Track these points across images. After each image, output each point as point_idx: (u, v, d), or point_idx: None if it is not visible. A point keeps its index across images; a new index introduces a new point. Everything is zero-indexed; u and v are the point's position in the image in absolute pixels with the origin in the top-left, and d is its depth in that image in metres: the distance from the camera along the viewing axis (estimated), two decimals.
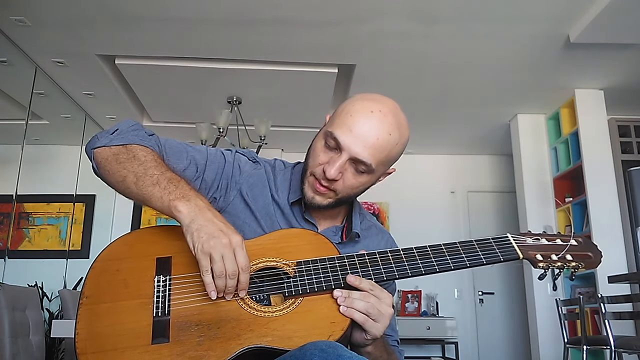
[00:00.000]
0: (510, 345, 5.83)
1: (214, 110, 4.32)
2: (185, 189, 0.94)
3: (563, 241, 1.06)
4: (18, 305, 2.76)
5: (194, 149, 1.11)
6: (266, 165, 1.17)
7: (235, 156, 1.14)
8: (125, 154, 0.99)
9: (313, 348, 0.81)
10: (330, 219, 1.17)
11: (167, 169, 0.98)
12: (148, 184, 0.95)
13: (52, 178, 5.44)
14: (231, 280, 0.89)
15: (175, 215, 0.92)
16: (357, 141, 1.01)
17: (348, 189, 1.06)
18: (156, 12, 3.43)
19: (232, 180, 1.11)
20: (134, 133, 1.03)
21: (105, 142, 1.01)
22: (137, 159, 0.98)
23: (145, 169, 0.96)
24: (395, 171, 1.15)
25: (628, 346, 3.01)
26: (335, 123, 1.04)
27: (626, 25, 3.45)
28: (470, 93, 4.66)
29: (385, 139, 1.02)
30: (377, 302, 0.95)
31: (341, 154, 1.02)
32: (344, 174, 1.04)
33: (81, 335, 0.89)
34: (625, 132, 4.69)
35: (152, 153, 1.01)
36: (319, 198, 1.07)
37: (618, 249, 4.22)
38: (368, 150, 1.01)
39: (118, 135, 1.02)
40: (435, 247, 1.02)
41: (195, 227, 0.89)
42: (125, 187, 0.98)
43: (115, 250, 1.00)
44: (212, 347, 0.87)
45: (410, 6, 3.35)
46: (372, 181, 1.10)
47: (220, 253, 0.87)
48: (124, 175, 0.97)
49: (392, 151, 1.06)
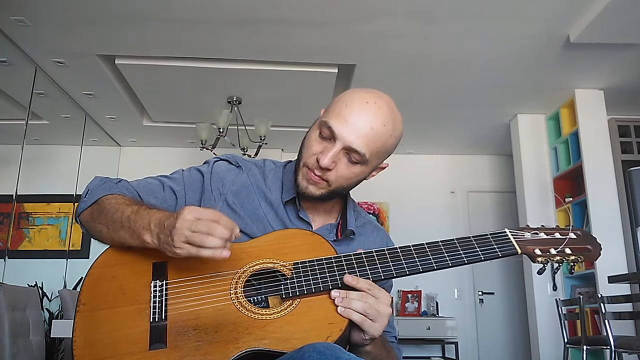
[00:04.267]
0: (510, 345, 5.83)
1: (214, 110, 4.32)
2: (143, 218, 0.95)
3: (562, 234, 1.04)
4: (18, 305, 2.76)
5: (170, 179, 1.13)
6: (251, 168, 1.16)
7: (213, 167, 1.14)
8: (97, 210, 1.04)
9: (311, 350, 0.81)
10: (325, 217, 1.17)
11: (127, 206, 1.00)
12: (117, 230, 0.98)
13: (52, 178, 5.44)
14: (216, 231, 0.87)
15: (148, 246, 0.94)
16: (351, 130, 1.02)
17: (341, 179, 1.06)
18: (156, 12, 3.43)
19: (215, 192, 1.11)
20: (102, 187, 1.07)
21: (82, 207, 1.06)
22: (104, 211, 1.02)
23: (110, 216, 1.00)
24: (388, 167, 1.15)
25: (628, 346, 3.00)
26: (330, 113, 1.05)
27: (626, 25, 3.44)
28: (470, 93, 4.65)
29: (379, 130, 1.03)
30: (375, 302, 0.94)
31: (335, 144, 1.03)
32: (338, 164, 1.04)
33: (78, 343, 0.89)
34: (625, 132, 4.68)
35: (116, 197, 1.04)
36: (313, 188, 1.07)
37: (618, 249, 4.22)
38: (362, 140, 1.02)
39: (89, 195, 1.06)
40: (432, 244, 1.01)
41: (160, 242, 0.91)
42: (105, 240, 1.03)
43: (111, 256, 1.00)
44: (210, 352, 0.87)
45: (410, 6, 3.35)
46: (366, 173, 1.09)
47: (186, 230, 0.87)
48: (100, 230, 1.02)
49: (386, 143, 1.06)
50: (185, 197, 1.10)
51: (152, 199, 1.08)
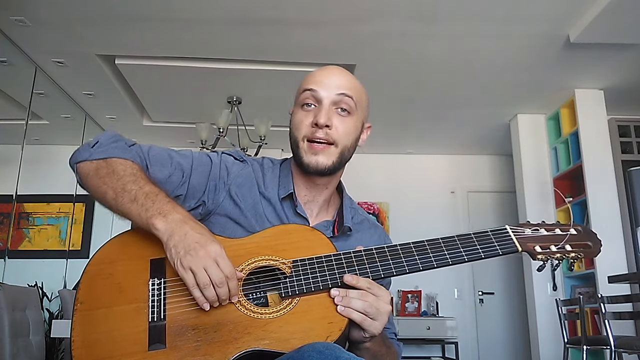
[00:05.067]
0: (510, 345, 5.83)
1: (214, 110, 4.31)
2: (162, 204, 0.94)
3: (562, 231, 1.03)
4: (18, 305, 2.76)
5: (179, 155, 1.10)
6: (254, 164, 1.17)
7: (221, 157, 1.14)
8: (105, 168, 0.99)
9: (310, 350, 0.81)
10: (322, 214, 1.17)
11: (145, 182, 0.97)
12: (126, 201, 0.95)
13: (52, 178, 5.43)
14: (220, 288, 0.88)
15: (153, 232, 0.92)
16: (330, 82, 1.09)
17: (343, 135, 1.09)
18: (156, 12, 3.43)
19: (220, 182, 1.10)
20: (114, 145, 1.03)
21: (86, 156, 1.01)
22: (115, 174, 0.98)
23: (123, 184, 0.96)
24: (371, 128, 1.20)
25: (628, 346, 3.00)
26: (303, 88, 1.12)
27: (626, 25, 3.44)
28: (470, 93, 4.65)
29: (350, 78, 1.12)
30: (375, 301, 0.94)
31: (323, 102, 1.08)
32: (334, 121, 1.08)
33: (77, 343, 0.88)
34: (625, 132, 4.68)
35: (132, 165, 1.00)
36: (322, 158, 1.08)
37: (618, 249, 4.22)
38: (343, 84, 1.10)
39: (98, 148, 1.02)
40: (432, 241, 1.00)
41: (172, 244, 0.89)
42: (106, 203, 0.99)
43: (107, 253, 0.98)
44: (209, 352, 0.86)
45: (410, 6, 3.35)
46: (358, 127, 1.13)
47: (201, 265, 0.87)
48: (104, 191, 0.98)
49: (361, 92, 1.13)
50: (190, 177, 1.08)
51: (159, 172, 1.04)
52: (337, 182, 1.19)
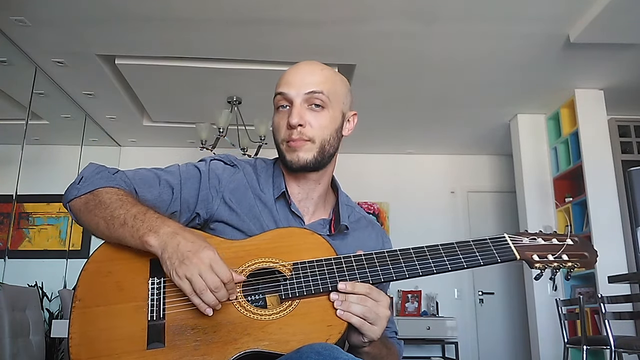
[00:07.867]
0: (510, 345, 5.83)
1: (214, 110, 4.31)
2: (151, 221, 0.94)
3: (559, 240, 1.05)
4: (18, 305, 2.77)
5: (166, 172, 1.11)
6: (246, 167, 1.17)
7: (209, 166, 1.14)
8: (92, 200, 1.00)
9: (309, 351, 0.81)
10: (318, 212, 1.17)
11: (132, 205, 0.98)
12: (117, 226, 0.95)
13: (52, 178, 5.43)
14: (218, 292, 0.88)
15: (148, 250, 0.93)
16: (298, 80, 1.09)
17: (318, 130, 1.09)
18: (156, 12, 3.43)
19: (212, 190, 1.10)
20: (98, 176, 1.04)
21: (74, 194, 1.02)
22: (103, 204, 0.99)
23: (111, 211, 0.97)
24: (356, 115, 1.19)
25: (628, 346, 3.00)
26: (275, 90, 1.13)
27: (626, 25, 3.44)
28: (470, 93, 4.65)
29: (320, 72, 1.11)
30: (374, 305, 0.94)
31: (294, 102, 1.09)
32: (306, 118, 1.08)
33: (75, 340, 0.87)
34: (625, 132, 4.68)
35: (117, 192, 1.01)
36: (302, 153, 1.09)
37: (618, 249, 4.22)
38: (311, 81, 1.09)
39: (84, 183, 1.03)
40: (432, 247, 1.01)
41: (167, 256, 0.90)
42: (101, 235, 1.00)
43: (107, 251, 0.98)
44: (208, 352, 0.86)
45: (410, 6, 3.35)
46: (337, 119, 1.12)
47: (196, 272, 0.87)
48: (96, 223, 0.99)
49: (335, 83, 1.12)
50: (181, 192, 1.09)
51: (148, 194, 1.06)
52: (329, 177, 1.18)
